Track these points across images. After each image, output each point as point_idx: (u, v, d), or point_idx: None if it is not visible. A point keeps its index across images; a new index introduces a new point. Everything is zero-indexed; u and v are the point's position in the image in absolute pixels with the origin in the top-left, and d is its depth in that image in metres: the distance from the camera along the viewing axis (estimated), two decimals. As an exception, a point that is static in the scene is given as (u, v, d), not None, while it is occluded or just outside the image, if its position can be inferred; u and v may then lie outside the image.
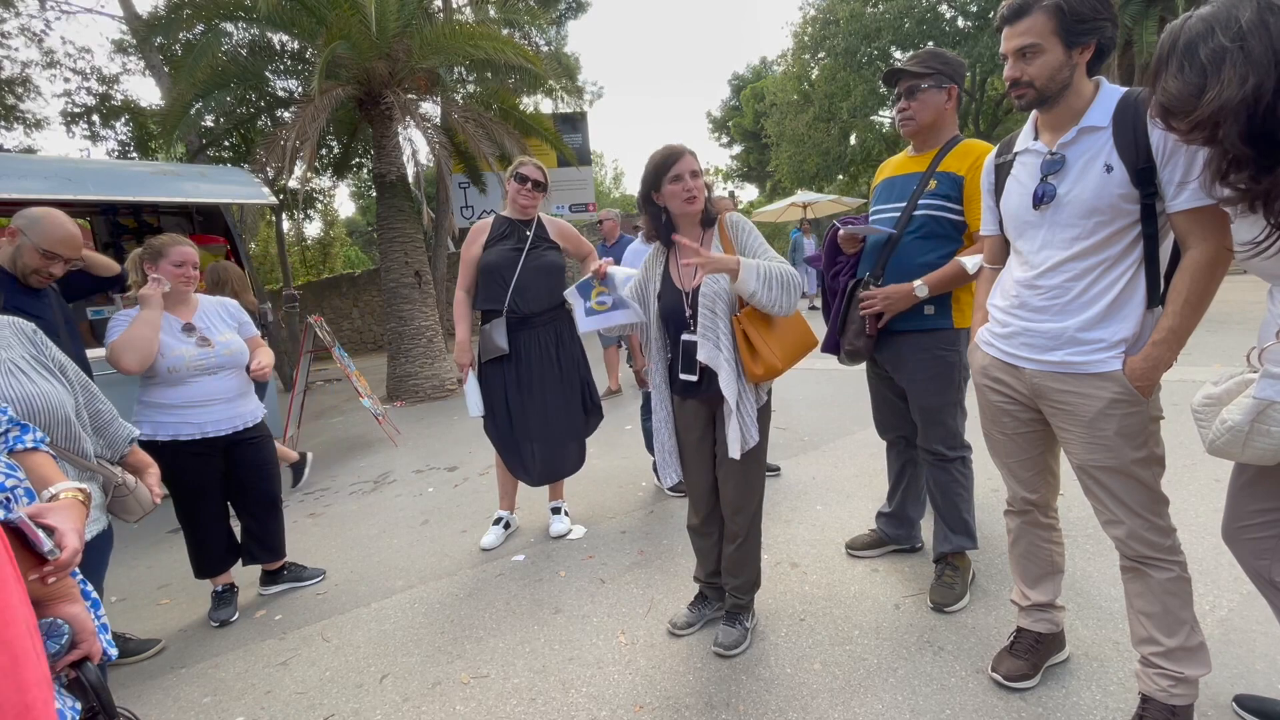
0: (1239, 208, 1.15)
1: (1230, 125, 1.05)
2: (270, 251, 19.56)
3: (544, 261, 2.84)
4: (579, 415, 2.97)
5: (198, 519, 2.58)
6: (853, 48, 18.23)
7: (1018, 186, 1.55)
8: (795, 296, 1.84)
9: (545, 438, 2.89)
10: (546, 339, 2.87)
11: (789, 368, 1.90)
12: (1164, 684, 1.47)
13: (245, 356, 2.60)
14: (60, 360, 1.57)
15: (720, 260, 1.78)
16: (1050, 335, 1.50)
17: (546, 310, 2.85)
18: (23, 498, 0.94)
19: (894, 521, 2.53)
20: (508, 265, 2.78)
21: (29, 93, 13.54)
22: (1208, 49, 1.06)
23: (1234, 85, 1.03)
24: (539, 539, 3.07)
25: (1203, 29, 1.07)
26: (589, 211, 12.90)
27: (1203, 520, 2.44)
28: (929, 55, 2.07)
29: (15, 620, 0.70)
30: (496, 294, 2.81)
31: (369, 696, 2.04)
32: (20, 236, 2.18)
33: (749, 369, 1.87)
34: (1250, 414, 1.16)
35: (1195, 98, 1.07)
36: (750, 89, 28.69)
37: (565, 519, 3.14)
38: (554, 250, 2.91)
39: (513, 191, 2.85)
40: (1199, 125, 1.09)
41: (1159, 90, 1.14)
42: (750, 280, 1.78)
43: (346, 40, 6.75)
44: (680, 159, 1.90)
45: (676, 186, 1.89)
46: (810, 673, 1.90)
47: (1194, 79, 1.07)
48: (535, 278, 2.81)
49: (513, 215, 2.90)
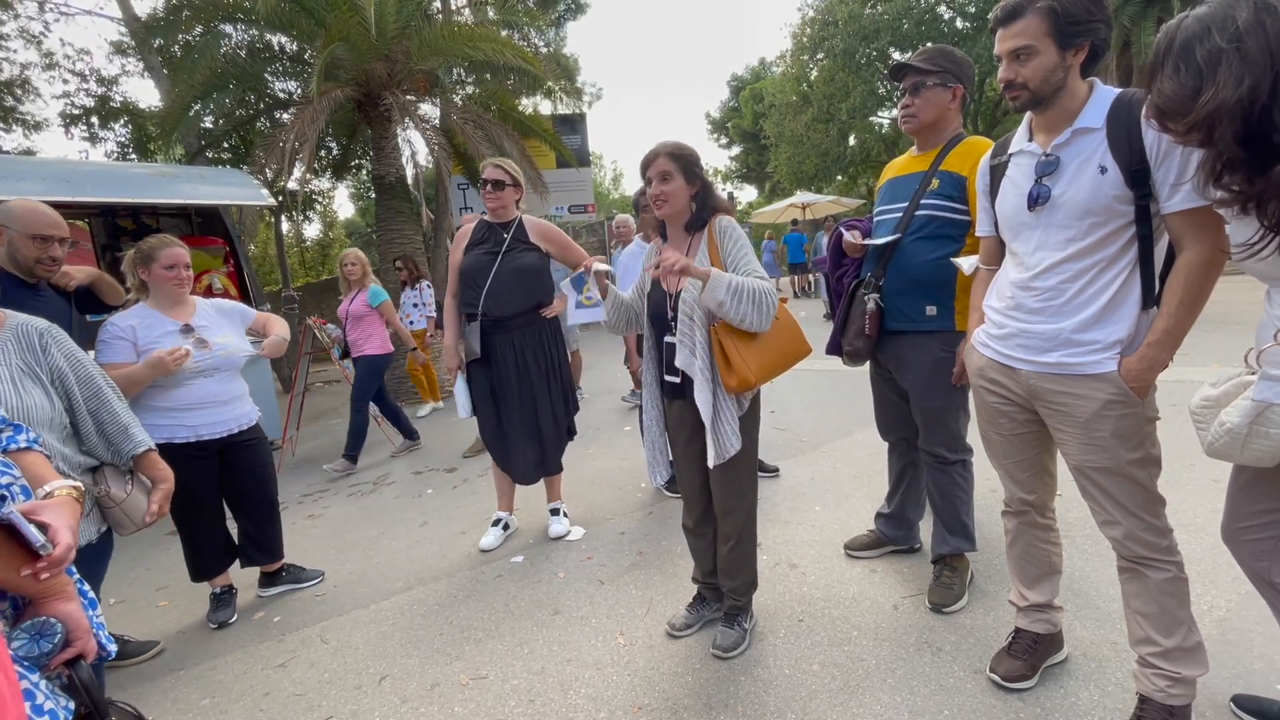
0: (1233, 210, 1.15)
1: (1225, 127, 1.04)
2: (269, 253, 19.56)
3: (518, 264, 2.84)
4: (549, 419, 2.96)
5: (193, 522, 2.57)
6: (851, 49, 18.26)
7: (1012, 188, 1.55)
8: (767, 314, 1.78)
9: (520, 438, 2.93)
10: (521, 342, 2.88)
11: (764, 381, 1.86)
12: (1161, 684, 1.47)
13: (243, 358, 2.60)
14: (61, 368, 1.55)
15: (690, 268, 1.71)
16: (1046, 336, 1.50)
17: (521, 314, 2.87)
18: (19, 495, 0.94)
19: (893, 522, 2.53)
20: (482, 270, 2.83)
21: (28, 94, 13.54)
22: (1204, 50, 1.05)
23: (1230, 87, 1.02)
24: (538, 540, 3.07)
25: (1199, 30, 1.06)
26: (588, 213, 12.90)
27: (1201, 520, 2.44)
28: (938, 52, 2.05)
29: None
30: (471, 298, 2.86)
31: (368, 698, 2.04)
32: (6, 232, 2.14)
33: (724, 380, 1.83)
34: (1248, 416, 1.16)
35: (1191, 99, 1.07)
36: (749, 90, 28.72)
37: (564, 520, 3.13)
38: (532, 252, 2.89)
39: (482, 197, 2.90)
40: (1194, 127, 1.09)
41: (1154, 91, 1.14)
42: (719, 291, 1.72)
43: (345, 42, 6.76)
44: (651, 163, 1.88)
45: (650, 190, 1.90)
46: (809, 673, 1.90)
47: (1190, 80, 1.07)
48: (509, 282, 2.82)
49: (490, 219, 2.94)
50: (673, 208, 1.92)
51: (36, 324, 1.56)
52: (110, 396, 1.68)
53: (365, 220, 23.97)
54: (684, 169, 1.90)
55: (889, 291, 2.14)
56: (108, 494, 1.63)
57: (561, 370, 3.01)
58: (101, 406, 1.65)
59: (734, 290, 1.74)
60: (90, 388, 1.64)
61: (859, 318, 2.19)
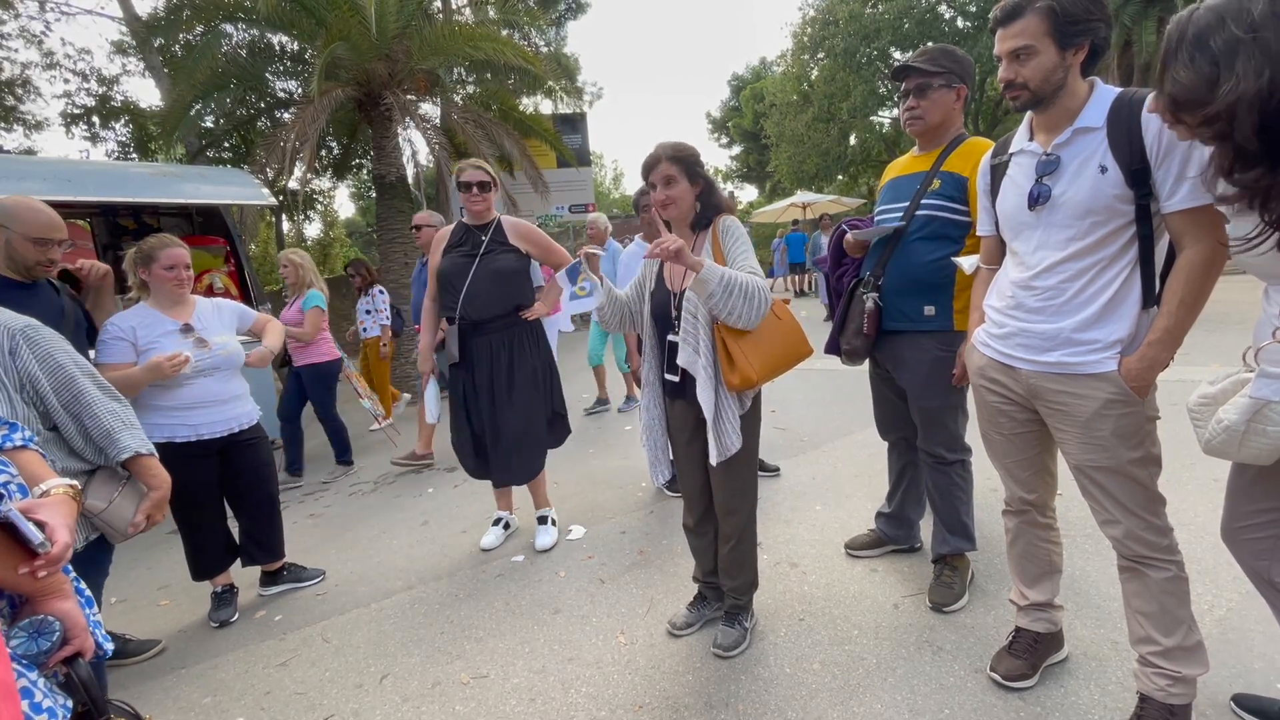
0: (1236, 206, 1.14)
1: (1245, 119, 1.02)
2: (270, 253, 19.56)
3: (496, 267, 2.80)
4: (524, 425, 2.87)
5: (193, 522, 2.57)
6: (852, 48, 18.25)
7: (1013, 187, 1.56)
8: (758, 311, 1.77)
9: (495, 443, 2.88)
10: (499, 345, 2.83)
11: (766, 380, 1.86)
12: (1162, 683, 1.47)
13: (241, 357, 2.60)
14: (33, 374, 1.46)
15: (684, 252, 1.68)
16: (1046, 336, 1.50)
17: (499, 316, 2.82)
18: (15, 493, 0.94)
19: (893, 522, 2.53)
20: (459, 273, 2.79)
21: (29, 94, 13.56)
22: (1220, 40, 1.03)
23: (1252, 77, 1.00)
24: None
25: (1213, 19, 1.04)
26: (589, 212, 12.91)
27: (1201, 520, 2.44)
28: (940, 53, 2.04)
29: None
30: (449, 302, 2.83)
31: (369, 697, 2.04)
32: (4, 233, 2.06)
33: (726, 378, 1.84)
34: (1246, 413, 1.17)
35: (1209, 89, 1.05)
36: (750, 90, 28.69)
37: (552, 529, 3.03)
38: (510, 254, 2.84)
39: (463, 201, 2.85)
40: (1210, 119, 1.06)
41: (1167, 81, 1.11)
42: (710, 282, 1.71)
43: (346, 41, 6.77)
44: (654, 167, 1.88)
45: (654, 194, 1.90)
46: (809, 672, 1.91)
47: (1206, 69, 1.04)
48: (486, 284, 2.78)
49: (469, 221, 2.90)
50: (679, 210, 1.92)
51: (11, 324, 1.46)
52: (93, 399, 1.58)
53: (366, 220, 23.98)
54: (687, 171, 1.90)
55: (888, 291, 2.14)
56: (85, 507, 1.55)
57: (544, 374, 2.93)
58: (83, 410, 1.56)
59: (725, 283, 1.73)
60: (69, 391, 1.54)
61: (857, 317, 2.19)
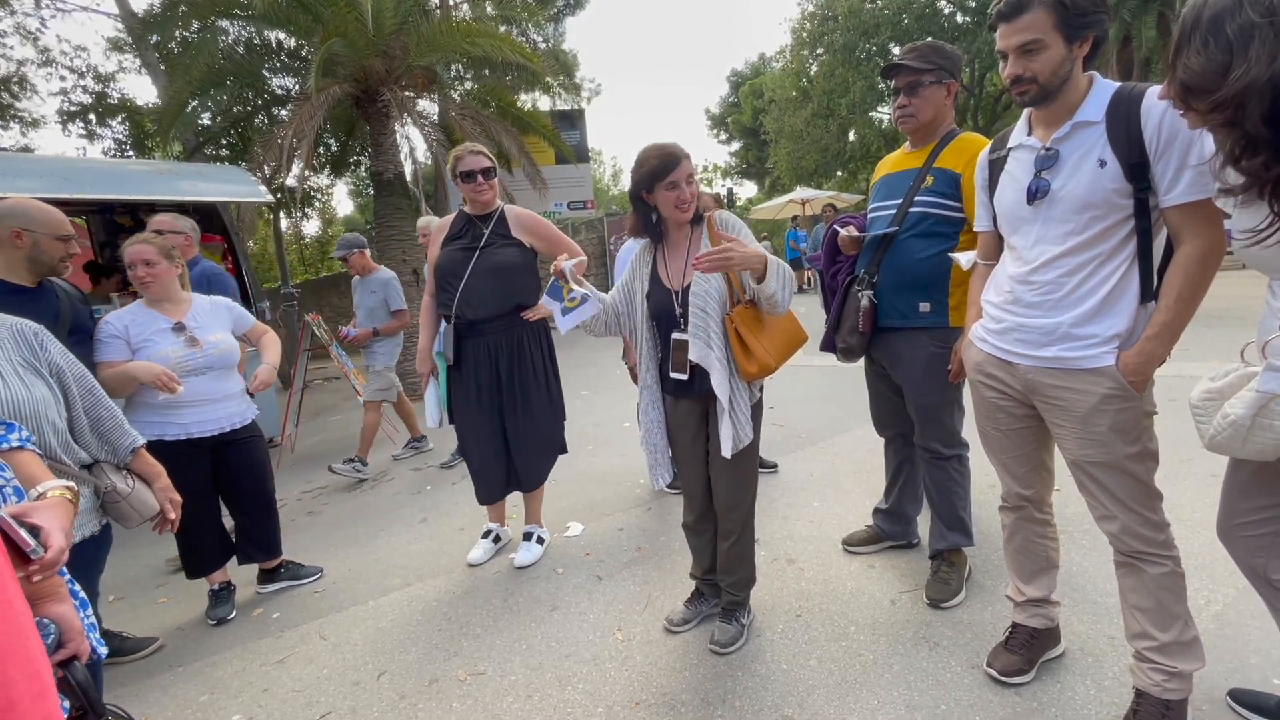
0: (1239, 198, 1.12)
1: (1254, 106, 1.00)
2: (268, 250, 19.48)
3: (496, 261, 2.59)
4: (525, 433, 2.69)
5: (185, 521, 2.54)
6: (851, 44, 18.19)
7: (1011, 182, 1.55)
8: (791, 295, 1.85)
9: (487, 453, 2.70)
10: (496, 348, 2.63)
11: (782, 364, 1.89)
12: (1158, 678, 1.47)
13: (236, 356, 2.58)
14: (59, 365, 1.57)
15: (750, 256, 1.72)
16: (1044, 331, 1.49)
17: (497, 316, 2.61)
18: (11, 496, 0.94)
19: (891, 518, 2.53)
20: (457, 267, 2.59)
21: (25, 91, 13.50)
22: (1235, 24, 1.01)
23: (1264, 63, 0.98)
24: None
25: (1229, 4, 1.02)
26: (588, 209, 12.90)
27: (1198, 515, 2.44)
28: (929, 49, 2.03)
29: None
30: (445, 299, 2.65)
31: (366, 694, 2.04)
32: (27, 235, 2.10)
33: (743, 368, 1.85)
34: (1253, 407, 1.15)
35: (1220, 75, 1.03)
36: (749, 85, 28.62)
37: (536, 547, 2.83)
38: (512, 247, 2.63)
39: (468, 192, 2.63)
40: (1220, 105, 1.04)
41: (1179, 67, 1.09)
42: (772, 280, 1.77)
43: (343, 38, 6.74)
44: (677, 166, 1.85)
45: (671, 194, 1.86)
46: (806, 668, 1.91)
47: (1219, 55, 1.02)
48: (485, 280, 2.58)
49: (470, 211, 2.70)
50: (694, 210, 1.93)
51: (30, 324, 1.56)
52: (103, 394, 1.70)
53: (364, 217, 23.92)
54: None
55: (883, 288, 2.14)
56: (114, 488, 1.64)
57: (548, 379, 2.76)
58: (98, 403, 1.67)
59: (781, 276, 1.80)
60: (85, 385, 1.65)
61: (853, 314, 2.19)
